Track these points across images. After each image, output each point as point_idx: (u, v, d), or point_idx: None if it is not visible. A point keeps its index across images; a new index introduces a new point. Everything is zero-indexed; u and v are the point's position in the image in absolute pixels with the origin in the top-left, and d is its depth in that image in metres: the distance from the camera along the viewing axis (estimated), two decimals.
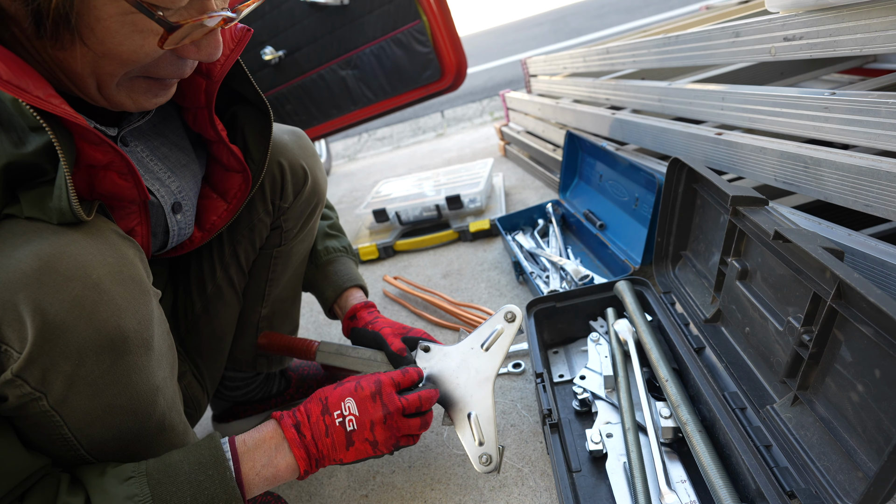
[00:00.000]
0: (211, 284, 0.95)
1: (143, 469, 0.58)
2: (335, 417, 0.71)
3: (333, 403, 0.72)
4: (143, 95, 0.61)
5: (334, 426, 0.70)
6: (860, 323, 0.57)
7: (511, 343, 0.80)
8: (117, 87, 0.58)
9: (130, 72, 0.57)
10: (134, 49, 0.53)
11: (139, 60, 0.55)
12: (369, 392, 0.73)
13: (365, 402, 0.72)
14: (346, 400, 0.72)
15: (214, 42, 0.59)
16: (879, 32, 0.77)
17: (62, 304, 0.52)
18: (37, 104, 0.50)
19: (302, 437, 0.69)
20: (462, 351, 0.83)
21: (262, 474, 0.66)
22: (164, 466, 0.60)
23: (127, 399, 0.59)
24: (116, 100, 0.59)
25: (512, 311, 0.81)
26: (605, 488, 0.78)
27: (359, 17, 2.16)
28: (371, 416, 0.72)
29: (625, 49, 1.59)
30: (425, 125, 4.04)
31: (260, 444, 0.67)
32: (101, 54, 0.53)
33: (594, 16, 6.29)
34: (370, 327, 0.95)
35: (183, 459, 0.61)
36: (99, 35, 0.51)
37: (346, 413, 0.71)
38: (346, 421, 0.71)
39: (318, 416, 0.71)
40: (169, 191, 0.75)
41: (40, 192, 0.55)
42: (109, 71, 0.55)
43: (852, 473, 0.59)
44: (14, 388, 0.52)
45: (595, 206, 1.52)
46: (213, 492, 0.60)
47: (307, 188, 0.97)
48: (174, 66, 0.60)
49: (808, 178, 0.89)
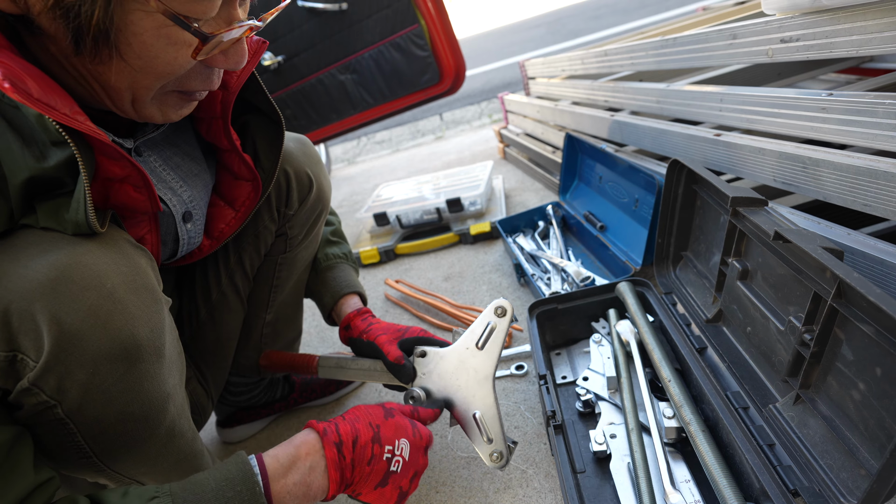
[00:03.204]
0: (216, 291, 0.95)
1: (167, 489, 0.55)
2: (384, 451, 0.67)
3: (387, 437, 0.68)
4: (172, 108, 0.64)
5: (380, 460, 0.67)
6: (860, 322, 0.58)
7: (505, 338, 0.80)
8: (151, 100, 0.60)
9: (166, 86, 0.59)
10: (168, 61, 0.55)
11: (174, 72, 0.57)
12: (425, 445, 0.72)
13: (418, 451, 0.70)
14: (402, 440, 0.69)
15: (241, 51, 0.61)
16: (875, 34, 0.78)
17: (78, 314, 0.52)
18: (63, 121, 0.51)
19: (342, 458, 0.64)
20: (458, 352, 0.83)
21: (294, 493, 0.61)
22: (189, 485, 0.57)
23: (139, 406, 0.59)
24: (147, 113, 0.62)
25: (502, 306, 0.80)
26: (610, 489, 0.78)
27: (357, 22, 2.17)
28: (416, 467, 0.70)
29: (622, 51, 1.60)
30: (424, 128, 4.04)
31: (294, 462, 0.63)
32: (138, 68, 0.55)
33: (591, 17, 6.31)
34: (365, 336, 0.94)
35: (209, 477, 0.58)
36: (136, 49, 0.53)
37: (397, 453, 0.68)
38: (394, 461, 0.67)
39: (367, 441, 0.66)
40: (181, 200, 0.76)
41: (56, 204, 0.56)
42: (146, 84, 0.58)
43: (855, 471, 0.60)
44: (30, 396, 0.53)
45: (595, 207, 1.53)
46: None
47: (312, 195, 0.98)
48: (203, 77, 0.62)
49: (806, 179, 0.89)
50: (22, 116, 0.54)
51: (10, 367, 0.52)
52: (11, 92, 0.48)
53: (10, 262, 0.53)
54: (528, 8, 9.10)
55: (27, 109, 0.53)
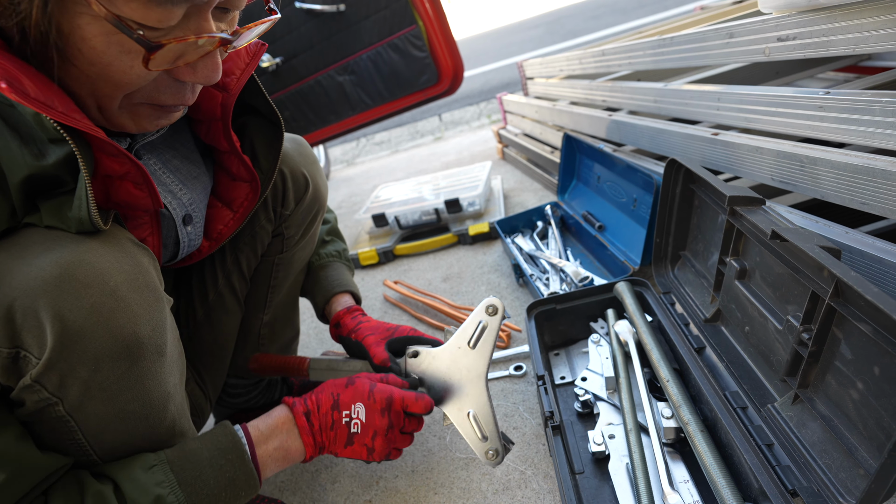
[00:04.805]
0: (213, 292, 0.95)
1: (164, 458, 0.62)
2: (343, 416, 0.76)
3: (344, 403, 0.77)
4: (146, 119, 0.61)
5: (340, 423, 0.76)
6: (858, 321, 0.57)
7: (496, 336, 0.80)
8: (119, 110, 0.57)
9: (133, 97, 0.57)
10: (123, 70, 0.52)
11: (132, 82, 0.54)
12: (380, 407, 0.78)
13: (374, 412, 0.77)
14: (357, 404, 0.77)
15: (212, 65, 0.57)
16: (871, 32, 0.78)
17: (81, 311, 0.53)
18: (61, 119, 0.51)
19: (311, 425, 0.75)
20: (450, 351, 0.83)
21: (275, 456, 0.71)
22: (184, 453, 0.63)
23: (140, 405, 0.60)
24: (118, 122, 0.59)
25: (493, 304, 0.80)
26: (609, 489, 0.78)
27: (355, 23, 2.17)
28: (375, 426, 0.77)
29: (620, 51, 1.60)
30: (423, 129, 4.04)
31: (273, 430, 0.73)
32: (94, 76, 0.52)
33: (589, 17, 6.31)
34: (354, 336, 0.96)
35: (202, 447, 0.65)
36: (87, 55, 0.50)
37: (353, 416, 0.76)
38: (352, 423, 0.76)
39: (327, 409, 0.76)
40: (181, 203, 0.76)
41: (59, 202, 0.56)
42: (107, 93, 0.54)
43: (854, 471, 0.60)
44: (32, 392, 0.53)
45: (593, 207, 1.53)
46: (233, 474, 0.65)
47: (308, 195, 0.98)
48: (173, 91, 0.59)
49: (804, 177, 0.89)
50: (18, 115, 0.54)
51: (12, 364, 0.52)
52: (9, 92, 0.47)
53: (14, 260, 0.53)
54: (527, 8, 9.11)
55: (24, 108, 0.53)
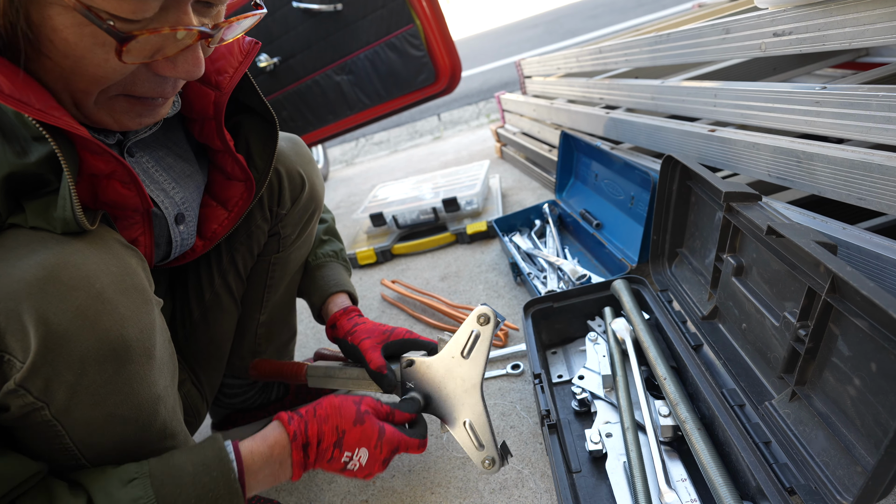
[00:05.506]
0: (209, 292, 0.95)
1: (146, 470, 0.58)
2: (343, 455, 0.73)
3: (349, 444, 0.73)
4: (126, 115, 0.59)
5: (338, 462, 0.73)
6: (855, 317, 0.57)
7: (490, 345, 0.79)
8: (96, 105, 0.56)
9: (108, 90, 0.55)
10: (98, 63, 0.50)
11: (107, 76, 0.52)
12: (384, 457, 0.76)
13: (376, 460, 0.75)
14: (362, 450, 0.74)
15: (193, 59, 0.55)
16: (867, 26, 0.77)
17: (65, 314, 0.52)
18: (38, 117, 0.50)
19: (306, 458, 0.71)
20: (444, 361, 0.82)
21: (263, 482, 0.69)
22: (168, 467, 0.59)
23: (128, 408, 0.58)
24: (97, 118, 0.57)
25: (485, 314, 0.78)
26: (606, 488, 0.77)
27: (352, 23, 2.16)
28: (372, 470, 0.76)
29: (617, 48, 1.59)
30: (422, 128, 4.04)
31: (267, 460, 0.68)
32: (68, 69, 0.51)
33: (588, 16, 6.30)
34: (350, 338, 0.94)
35: (187, 460, 0.61)
36: (60, 48, 0.49)
37: (354, 458, 0.74)
38: (351, 463, 0.74)
39: (329, 445, 0.72)
40: (173, 202, 0.76)
41: (45, 202, 0.55)
42: (82, 88, 0.53)
43: (851, 468, 0.59)
44: (17, 397, 0.52)
45: (591, 205, 1.52)
46: (217, 493, 0.61)
47: (304, 195, 0.97)
48: (152, 84, 0.57)
49: (801, 173, 0.89)
50: (1, 112, 0.53)
51: None
52: None
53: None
54: (526, 7, 9.10)
55: (5, 105, 0.53)
